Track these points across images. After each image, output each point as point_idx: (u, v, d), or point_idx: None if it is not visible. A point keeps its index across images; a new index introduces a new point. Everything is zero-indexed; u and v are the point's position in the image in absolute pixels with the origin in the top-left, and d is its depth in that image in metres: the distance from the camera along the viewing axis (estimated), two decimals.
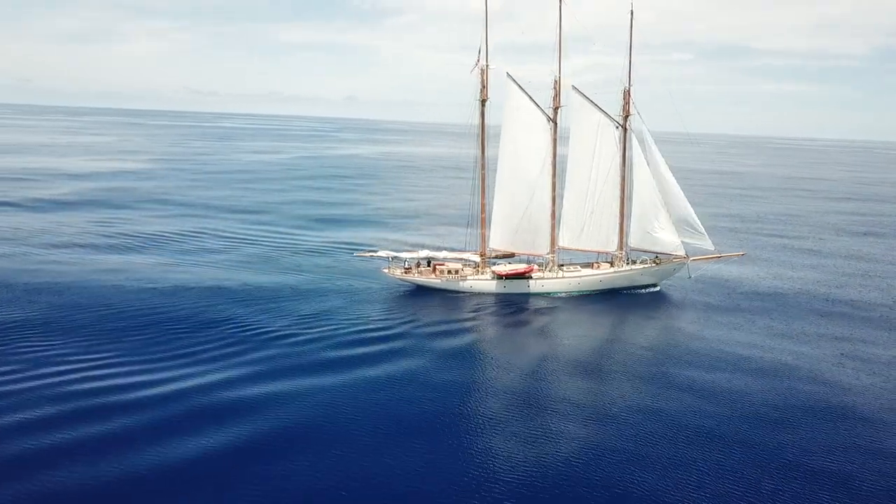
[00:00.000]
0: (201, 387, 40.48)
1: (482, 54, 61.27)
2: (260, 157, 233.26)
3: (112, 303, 56.05)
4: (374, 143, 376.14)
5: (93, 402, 37.88)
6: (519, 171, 65.01)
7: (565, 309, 61.13)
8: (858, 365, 47.90)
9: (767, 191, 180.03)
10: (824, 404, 40.99)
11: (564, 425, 37.33)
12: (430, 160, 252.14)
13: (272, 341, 48.72)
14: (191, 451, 33.14)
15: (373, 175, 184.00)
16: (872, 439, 36.57)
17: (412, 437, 35.58)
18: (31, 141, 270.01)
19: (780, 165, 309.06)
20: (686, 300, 65.13)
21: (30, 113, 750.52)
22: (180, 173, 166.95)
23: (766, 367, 47.10)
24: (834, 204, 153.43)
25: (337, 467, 32.29)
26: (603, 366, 47.16)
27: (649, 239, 67.89)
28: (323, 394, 40.29)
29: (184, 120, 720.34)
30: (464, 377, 44.02)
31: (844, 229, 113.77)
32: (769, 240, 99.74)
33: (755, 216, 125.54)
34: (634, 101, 65.74)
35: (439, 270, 64.14)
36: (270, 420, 36.75)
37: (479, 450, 34.31)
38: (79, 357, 44.16)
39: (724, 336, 53.83)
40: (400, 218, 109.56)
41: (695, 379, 44.63)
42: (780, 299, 65.25)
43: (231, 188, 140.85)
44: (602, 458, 33.73)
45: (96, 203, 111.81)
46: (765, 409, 40.10)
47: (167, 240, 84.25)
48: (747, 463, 33.69)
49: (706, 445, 35.49)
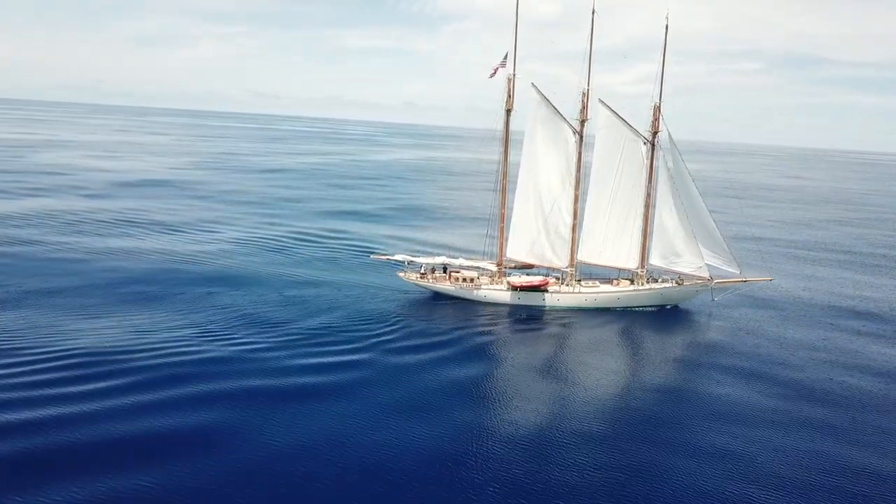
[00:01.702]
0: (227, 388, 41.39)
1: (509, 61, 60.95)
2: (302, 160, 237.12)
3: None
4: (422, 148, 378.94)
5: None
6: (541, 182, 64.35)
7: (578, 324, 59.91)
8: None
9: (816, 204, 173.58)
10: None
11: (573, 452, 36.24)
12: (466, 165, 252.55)
13: (281, 339, 49.46)
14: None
15: (404, 177, 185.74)
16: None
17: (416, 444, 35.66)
18: (90, 139, 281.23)
19: (843, 179, 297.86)
20: (704, 322, 63.25)
21: (100, 112, 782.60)
22: (210, 171, 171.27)
23: (787, 390, 45.40)
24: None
25: (344, 463, 33.02)
26: (610, 388, 46.02)
27: (672, 258, 66.32)
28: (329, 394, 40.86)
29: (242, 122, 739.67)
30: (469, 390, 43.54)
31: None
32: (804, 264, 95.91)
33: (793, 234, 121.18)
34: (664, 116, 64.53)
35: (454, 278, 63.89)
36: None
37: (489, 461, 34.10)
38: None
39: (743, 359, 52.10)
40: (419, 220, 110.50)
41: (707, 405, 43.42)
42: (805, 329, 62.68)
43: (255, 183, 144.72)
44: (613, 477, 33.20)
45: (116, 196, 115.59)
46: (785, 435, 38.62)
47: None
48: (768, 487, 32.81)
49: (726, 465, 34.78)
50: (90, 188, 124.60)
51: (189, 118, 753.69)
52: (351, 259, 77.92)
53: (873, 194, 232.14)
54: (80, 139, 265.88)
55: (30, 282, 60.82)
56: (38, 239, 78.60)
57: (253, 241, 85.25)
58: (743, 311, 66.36)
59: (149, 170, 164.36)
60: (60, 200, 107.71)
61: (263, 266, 71.89)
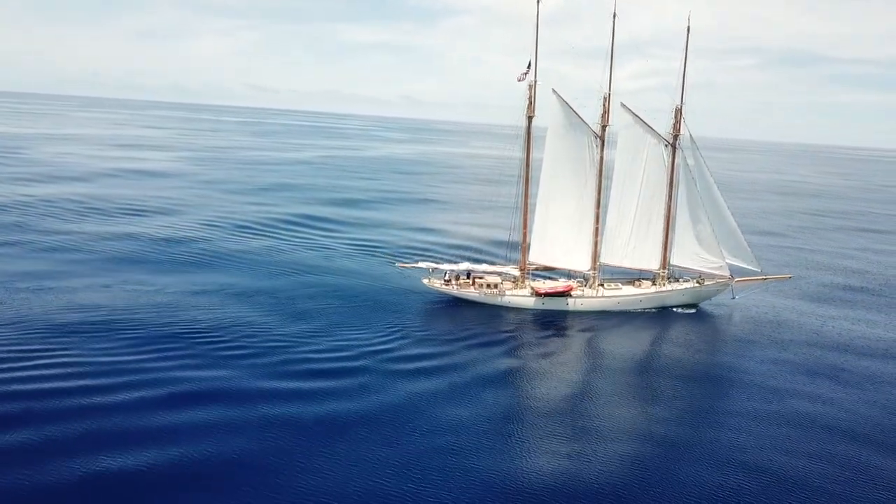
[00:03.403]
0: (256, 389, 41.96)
1: (532, 69, 61.06)
2: (284, 155, 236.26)
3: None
4: (419, 143, 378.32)
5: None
6: (563, 186, 64.60)
7: (604, 327, 60.42)
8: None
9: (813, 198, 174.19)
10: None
11: (602, 447, 37.39)
12: (470, 159, 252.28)
13: (305, 347, 50.06)
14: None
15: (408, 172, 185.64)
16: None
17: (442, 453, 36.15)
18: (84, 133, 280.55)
19: (836, 174, 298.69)
20: (727, 320, 63.80)
21: (97, 106, 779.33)
22: (194, 165, 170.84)
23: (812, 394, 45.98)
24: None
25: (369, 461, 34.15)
26: (641, 389, 46.89)
27: (693, 258, 66.83)
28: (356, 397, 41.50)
29: (239, 115, 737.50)
30: (498, 394, 44.29)
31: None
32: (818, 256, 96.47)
33: (801, 229, 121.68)
34: (685, 119, 64.74)
35: (478, 284, 64.27)
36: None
37: (515, 466, 34.65)
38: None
39: (768, 359, 52.76)
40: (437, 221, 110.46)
41: (728, 404, 43.96)
42: (823, 327, 63.28)
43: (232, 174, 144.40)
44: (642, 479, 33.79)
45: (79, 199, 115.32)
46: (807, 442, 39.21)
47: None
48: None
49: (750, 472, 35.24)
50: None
51: (183, 112, 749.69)
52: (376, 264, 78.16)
53: (836, 187, 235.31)
54: (75, 133, 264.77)
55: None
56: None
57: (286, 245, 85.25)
58: (763, 308, 67.00)
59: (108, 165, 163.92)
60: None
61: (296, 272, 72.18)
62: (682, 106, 64.45)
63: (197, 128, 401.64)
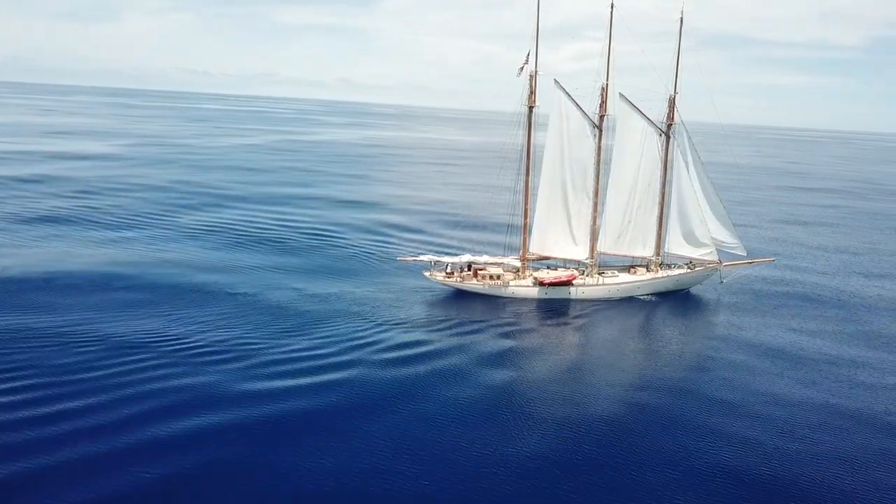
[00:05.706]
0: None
1: (531, 59, 60.98)
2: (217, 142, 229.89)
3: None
4: (362, 128, 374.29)
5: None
6: (562, 176, 65.04)
7: (605, 314, 61.71)
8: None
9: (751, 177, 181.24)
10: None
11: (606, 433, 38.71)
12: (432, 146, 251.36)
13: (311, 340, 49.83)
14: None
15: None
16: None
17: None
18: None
19: (772, 157, 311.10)
20: (717, 303, 66.34)
21: (21, 91, 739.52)
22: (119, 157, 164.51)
23: (814, 374, 48.32)
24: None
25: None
26: (649, 375, 48.38)
27: (686, 245, 68.65)
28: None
29: (170, 101, 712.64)
30: (506, 385, 45.21)
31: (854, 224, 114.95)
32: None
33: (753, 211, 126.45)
34: (679, 109, 65.95)
35: (480, 275, 64.21)
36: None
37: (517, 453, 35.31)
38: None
39: (768, 339, 55.49)
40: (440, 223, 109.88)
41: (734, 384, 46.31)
42: (810, 301, 66.77)
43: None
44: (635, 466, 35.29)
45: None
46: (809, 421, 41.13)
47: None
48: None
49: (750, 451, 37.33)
50: None
51: (113, 97, 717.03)
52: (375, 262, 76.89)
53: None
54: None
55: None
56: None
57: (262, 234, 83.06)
58: (748, 292, 69.71)
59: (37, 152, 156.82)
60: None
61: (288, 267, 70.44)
62: (676, 95, 65.60)
63: (134, 114, 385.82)
